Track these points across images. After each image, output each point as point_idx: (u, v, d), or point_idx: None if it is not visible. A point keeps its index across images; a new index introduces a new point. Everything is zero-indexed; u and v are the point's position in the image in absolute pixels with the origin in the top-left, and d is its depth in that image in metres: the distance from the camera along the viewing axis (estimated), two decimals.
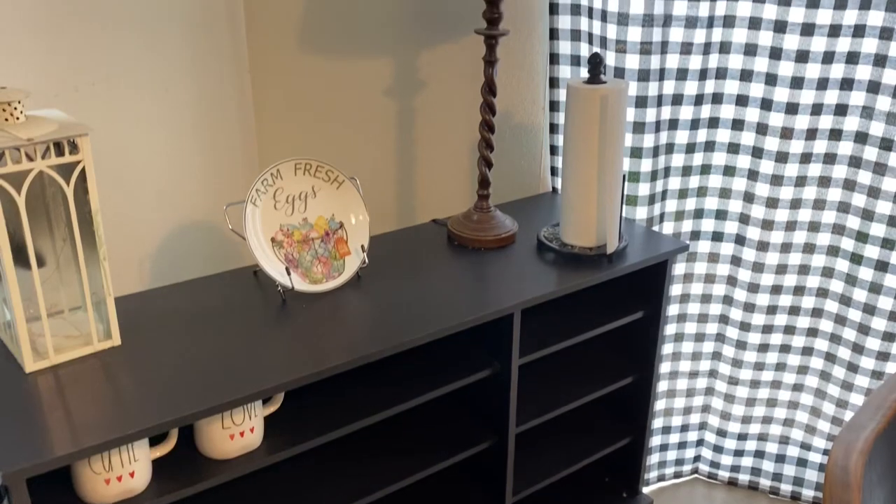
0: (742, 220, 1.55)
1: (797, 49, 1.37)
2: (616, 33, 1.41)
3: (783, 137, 1.44)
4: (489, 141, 1.36)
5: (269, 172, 1.18)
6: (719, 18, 1.41)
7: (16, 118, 0.90)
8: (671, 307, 1.66)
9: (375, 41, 1.46)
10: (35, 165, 0.91)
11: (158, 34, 1.29)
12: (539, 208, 1.56)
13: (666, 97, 1.46)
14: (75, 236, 0.97)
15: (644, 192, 1.52)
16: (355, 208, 1.24)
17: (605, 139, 1.27)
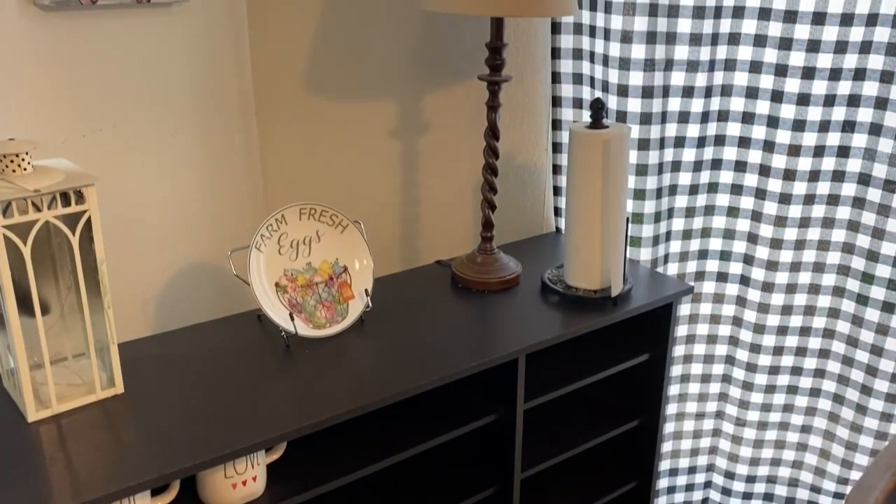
0: (746, 260, 1.55)
1: (798, 92, 1.38)
2: (618, 78, 1.42)
3: (786, 179, 1.44)
4: (492, 184, 1.37)
5: (273, 218, 1.19)
6: (720, 62, 1.42)
7: (23, 169, 0.91)
8: (676, 348, 1.65)
9: (380, 84, 1.48)
10: (41, 216, 0.91)
11: (166, 79, 1.31)
12: (543, 249, 1.56)
13: (668, 140, 1.47)
14: (80, 285, 0.98)
15: (648, 233, 1.52)
16: (359, 253, 1.24)
17: (608, 183, 1.28)
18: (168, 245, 1.36)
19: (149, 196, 1.32)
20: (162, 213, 1.34)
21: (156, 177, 1.32)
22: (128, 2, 1.23)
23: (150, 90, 1.29)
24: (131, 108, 1.27)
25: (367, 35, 1.45)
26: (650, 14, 1.37)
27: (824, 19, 1.32)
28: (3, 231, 0.88)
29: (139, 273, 1.33)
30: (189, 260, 1.39)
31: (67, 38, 1.17)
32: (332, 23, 1.44)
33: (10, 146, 0.90)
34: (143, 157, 1.30)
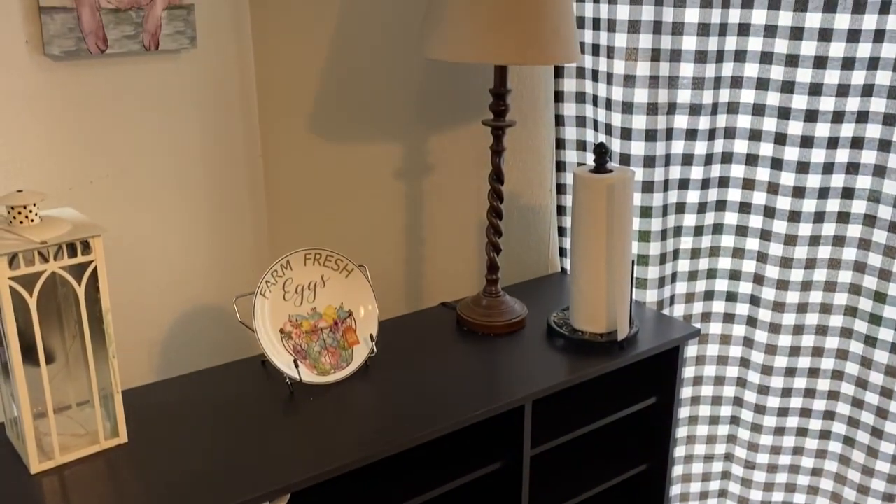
0: (753, 301, 1.54)
1: (801, 134, 1.38)
2: (621, 121, 1.43)
3: (791, 221, 1.44)
4: (497, 227, 1.37)
5: (279, 263, 1.19)
6: (723, 105, 1.43)
7: (30, 220, 0.92)
8: (684, 389, 1.63)
9: (385, 127, 1.49)
10: (48, 267, 0.92)
11: (173, 124, 1.32)
12: (548, 290, 1.56)
13: (672, 182, 1.48)
14: (85, 334, 0.98)
15: (654, 274, 1.52)
16: (364, 298, 1.24)
17: (613, 226, 1.28)
18: (173, 289, 1.36)
19: (155, 240, 1.32)
20: (168, 257, 1.34)
21: (162, 221, 1.33)
22: (136, 50, 1.25)
23: (157, 135, 1.31)
24: (138, 154, 1.28)
25: (373, 78, 1.47)
26: (652, 59, 1.38)
27: (826, 63, 1.33)
28: (9, 283, 0.88)
29: (144, 316, 1.33)
30: (195, 304, 1.39)
31: (76, 86, 1.18)
32: (338, 67, 1.46)
33: (17, 198, 0.91)
34: (149, 202, 1.30)
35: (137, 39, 1.25)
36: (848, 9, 1.29)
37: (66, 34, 1.13)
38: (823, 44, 1.32)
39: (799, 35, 1.33)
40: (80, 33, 1.15)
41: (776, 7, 1.34)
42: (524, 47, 1.14)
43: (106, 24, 1.20)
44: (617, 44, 1.40)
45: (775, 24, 1.35)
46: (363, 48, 1.45)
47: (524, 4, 1.14)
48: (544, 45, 1.16)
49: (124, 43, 1.23)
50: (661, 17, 1.36)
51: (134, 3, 1.24)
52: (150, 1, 1.27)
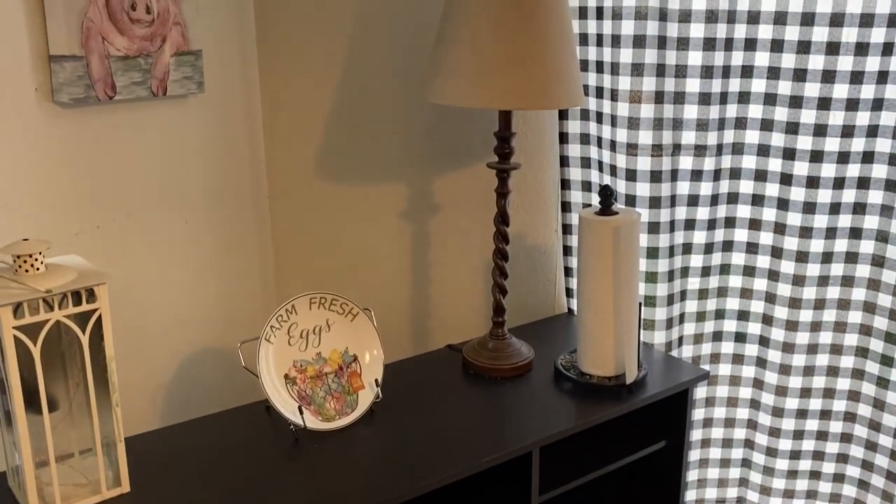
0: (762, 342, 1.52)
1: (807, 175, 1.38)
2: (626, 162, 1.44)
3: (799, 261, 1.43)
4: (503, 269, 1.37)
5: (283, 308, 1.19)
6: (728, 146, 1.44)
7: (36, 269, 0.92)
8: (693, 432, 1.61)
9: (391, 168, 1.50)
10: (52, 315, 0.91)
11: (180, 167, 1.33)
12: (555, 332, 1.55)
13: (678, 222, 1.47)
14: (88, 382, 0.97)
15: (661, 316, 1.51)
16: (369, 342, 1.23)
17: (620, 269, 1.27)
18: (179, 332, 1.35)
19: (161, 283, 1.32)
20: (174, 301, 1.34)
21: (168, 265, 1.33)
22: (144, 95, 1.26)
23: (164, 178, 1.31)
24: (146, 197, 1.29)
25: (378, 121, 1.48)
26: (656, 101, 1.39)
27: (829, 104, 1.33)
28: (13, 332, 0.88)
29: (150, 360, 1.32)
30: (200, 347, 1.38)
31: (85, 132, 1.19)
32: (343, 109, 1.47)
33: (23, 247, 0.91)
34: (155, 246, 1.31)
35: (145, 85, 1.27)
36: (850, 51, 1.29)
37: (74, 82, 1.15)
38: (827, 85, 1.33)
39: (802, 77, 1.34)
40: (89, 80, 1.17)
41: (779, 49, 1.35)
42: (528, 93, 1.15)
43: (115, 71, 1.21)
44: (621, 87, 1.41)
45: (778, 66, 1.36)
46: (368, 91, 1.47)
47: (528, 50, 1.15)
48: (548, 90, 1.17)
49: (132, 89, 1.24)
50: (664, 60, 1.37)
51: (142, 49, 1.26)
52: (158, 48, 1.29)
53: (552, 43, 1.16)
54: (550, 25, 1.16)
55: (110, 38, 1.20)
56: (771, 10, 1.33)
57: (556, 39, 1.17)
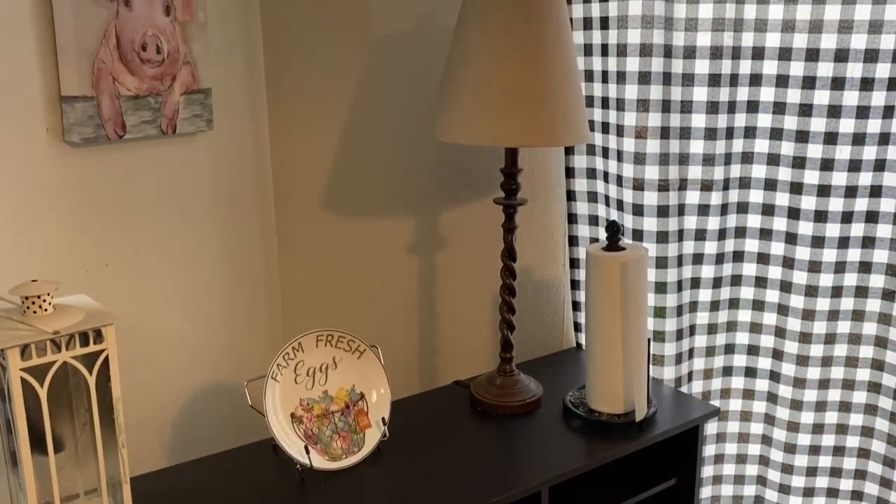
0: (773, 377, 1.51)
1: (815, 209, 1.38)
2: (632, 197, 1.44)
3: (808, 295, 1.42)
4: (510, 304, 1.36)
5: (290, 346, 1.18)
6: (734, 180, 1.44)
7: (44, 310, 0.92)
8: (705, 468, 1.59)
9: (398, 202, 1.50)
10: (59, 357, 0.91)
11: (188, 203, 1.34)
12: (564, 367, 1.54)
13: (686, 257, 1.47)
14: (95, 423, 0.97)
15: (670, 351, 1.50)
16: (377, 380, 1.23)
17: (628, 305, 1.26)
18: (187, 370, 1.35)
19: (168, 321, 1.32)
20: (181, 338, 1.34)
21: (175, 301, 1.33)
22: (154, 134, 1.28)
23: (172, 215, 1.32)
24: (154, 235, 1.29)
25: (386, 156, 1.49)
26: (662, 136, 1.40)
27: (836, 139, 1.33)
28: (20, 374, 0.88)
29: (156, 397, 1.32)
30: (207, 385, 1.38)
31: (95, 171, 1.20)
32: (351, 145, 1.48)
33: (31, 288, 0.91)
34: (163, 282, 1.31)
35: (155, 124, 1.28)
36: (856, 86, 1.30)
37: (85, 122, 1.16)
38: (833, 120, 1.33)
39: (808, 112, 1.34)
40: (100, 120, 1.18)
41: (784, 85, 1.35)
42: (534, 130, 1.16)
43: (125, 111, 1.22)
44: (626, 122, 1.41)
45: (784, 101, 1.36)
46: (376, 127, 1.48)
47: (533, 88, 1.16)
48: (554, 127, 1.17)
49: (142, 128, 1.26)
50: (669, 95, 1.38)
51: (153, 89, 1.27)
52: (168, 86, 1.30)
53: (557, 81, 1.17)
54: (555, 64, 1.17)
55: (121, 79, 1.22)
56: (775, 45, 1.34)
57: (561, 77, 1.18)
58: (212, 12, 1.36)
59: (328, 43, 1.46)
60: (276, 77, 1.47)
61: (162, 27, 1.28)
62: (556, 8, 1.18)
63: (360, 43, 1.44)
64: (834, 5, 1.28)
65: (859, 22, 1.27)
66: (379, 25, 1.43)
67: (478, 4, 1.17)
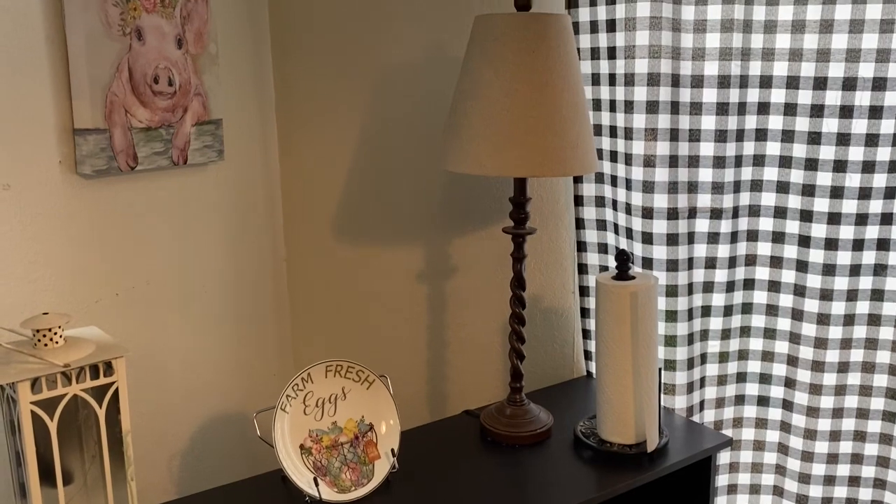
0: (786, 406, 1.49)
1: (825, 237, 1.37)
2: (641, 226, 1.43)
3: (820, 323, 1.41)
4: (520, 334, 1.36)
5: (299, 377, 1.18)
6: (744, 208, 1.43)
7: (55, 343, 0.92)
8: (718, 499, 1.57)
9: (407, 230, 1.50)
10: (69, 390, 0.91)
11: (199, 233, 1.35)
12: (574, 396, 1.53)
13: (696, 285, 1.46)
14: (104, 456, 0.97)
15: (682, 380, 1.49)
16: (386, 411, 1.22)
17: (638, 334, 1.26)
18: (196, 399, 1.35)
19: (178, 350, 1.32)
20: (191, 367, 1.34)
21: (185, 331, 1.33)
22: (165, 165, 1.29)
23: (182, 245, 1.33)
24: (164, 264, 1.30)
25: (395, 185, 1.49)
26: (670, 165, 1.40)
27: (846, 167, 1.33)
28: (30, 407, 0.88)
29: (165, 428, 1.32)
30: (216, 415, 1.37)
31: (106, 202, 1.21)
32: (360, 174, 1.49)
33: (42, 321, 0.91)
34: (173, 312, 1.31)
35: (167, 155, 1.29)
36: (864, 114, 1.30)
37: (97, 154, 1.17)
38: (842, 148, 1.33)
39: (817, 140, 1.34)
40: (112, 152, 1.19)
41: (792, 113, 1.35)
42: (542, 161, 1.16)
43: (136, 143, 1.24)
44: (635, 151, 1.41)
45: (792, 129, 1.36)
46: (385, 156, 1.49)
47: (541, 119, 1.16)
48: (563, 157, 1.17)
49: (154, 159, 1.27)
50: (677, 124, 1.38)
51: (164, 120, 1.29)
52: (180, 118, 1.32)
53: (565, 111, 1.18)
54: (563, 95, 1.18)
55: (133, 111, 1.23)
56: (783, 74, 1.34)
57: (569, 108, 1.18)
58: (223, 44, 1.38)
59: (338, 73, 1.47)
60: (286, 107, 1.49)
61: (174, 60, 1.29)
62: (564, 40, 1.19)
63: (369, 73, 1.46)
64: (841, 34, 1.28)
65: (867, 51, 1.27)
66: (388, 56, 1.45)
67: (486, 37, 1.18)
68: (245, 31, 1.44)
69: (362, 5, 1.44)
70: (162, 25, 1.26)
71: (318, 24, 1.46)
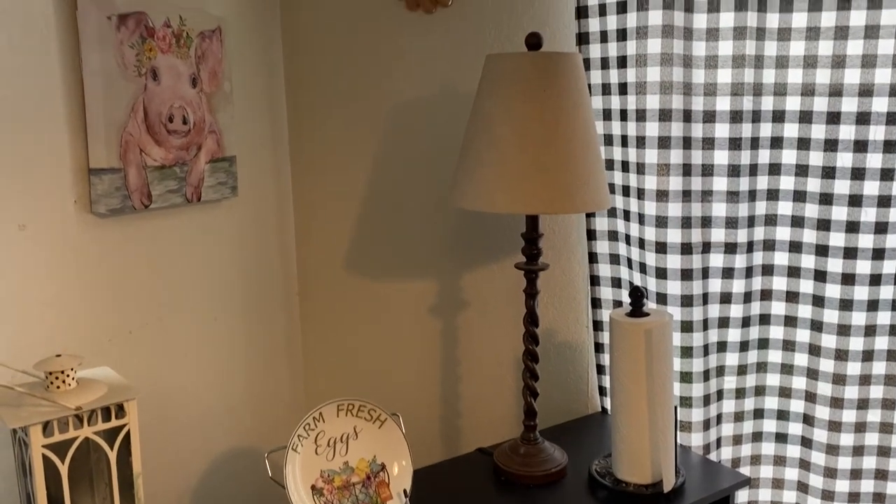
0: (804, 443, 1.47)
1: (842, 272, 1.36)
2: (655, 261, 1.43)
3: (838, 359, 1.39)
4: (534, 371, 1.34)
5: (311, 416, 1.17)
6: (759, 243, 1.42)
7: (67, 385, 0.92)
8: None
9: (418, 265, 1.50)
10: (81, 433, 0.91)
11: (212, 269, 1.35)
12: (589, 433, 1.51)
13: (712, 321, 1.45)
14: (115, 498, 0.96)
15: (698, 417, 1.47)
16: (398, 451, 1.21)
17: (653, 372, 1.24)
18: (207, 437, 1.34)
19: (190, 388, 1.32)
20: (202, 406, 1.34)
21: (198, 369, 1.33)
22: (179, 202, 1.29)
23: (195, 282, 1.33)
24: (177, 302, 1.30)
25: (407, 220, 1.49)
26: (683, 200, 1.39)
27: (861, 201, 1.32)
28: (42, 451, 0.87)
29: (177, 466, 1.31)
30: (227, 453, 1.37)
31: (120, 241, 1.22)
32: (373, 209, 1.49)
33: (55, 363, 0.92)
34: (186, 350, 1.31)
35: (180, 193, 1.30)
36: (879, 149, 1.29)
37: (112, 193, 1.18)
38: (857, 182, 1.32)
39: (831, 174, 1.33)
40: (126, 191, 1.20)
41: (805, 147, 1.35)
42: (554, 198, 1.16)
43: (151, 181, 1.24)
44: (647, 186, 1.41)
45: (806, 163, 1.35)
46: (397, 192, 1.49)
47: (552, 156, 1.16)
48: (574, 194, 1.17)
49: (168, 197, 1.27)
50: (690, 160, 1.38)
51: (179, 159, 1.30)
52: (194, 155, 1.33)
53: (577, 148, 1.18)
54: (575, 132, 1.18)
55: (147, 150, 1.24)
56: (796, 109, 1.34)
57: (580, 145, 1.18)
58: (237, 82, 1.39)
59: (351, 109, 1.48)
60: (300, 143, 1.50)
61: (188, 99, 1.31)
62: (575, 78, 1.19)
63: (382, 110, 1.47)
64: (853, 69, 1.28)
65: (880, 86, 1.27)
66: (400, 93, 1.46)
67: (497, 75, 1.19)
68: (259, 69, 1.45)
69: (374, 43, 1.45)
70: (177, 65, 1.28)
71: (330, 61, 1.47)
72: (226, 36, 1.36)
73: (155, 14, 1.23)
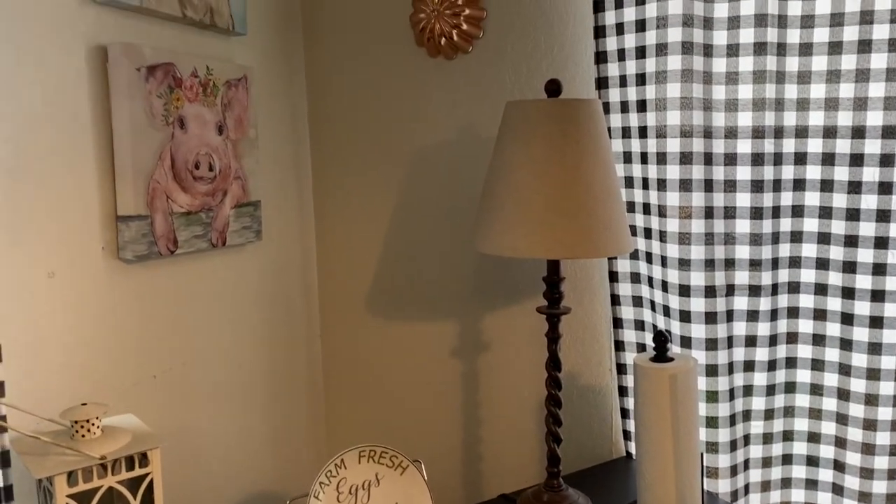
0: (836, 490, 1.43)
1: (870, 315, 1.34)
2: (679, 304, 1.41)
3: (868, 404, 1.36)
4: (557, 416, 1.33)
5: (332, 463, 1.17)
6: (783, 285, 1.41)
7: (92, 434, 0.93)
8: None
9: (440, 309, 1.50)
10: (105, 482, 0.92)
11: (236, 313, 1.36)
12: (614, 479, 1.48)
13: (737, 364, 1.43)
14: None
15: (725, 463, 1.44)
16: (420, 498, 1.20)
17: (678, 417, 1.23)
18: (229, 481, 1.34)
19: (212, 433, 1.32)
20: (225, 451, 1.34)
21: (221, 412, 1.33)
22: (205, 248, 1.31)
23: (220, 326, 1.34)
24: (202, 345, 1.31)
25: (428, 263, 1.50)
26: (706, 242, 1.38)
27: (887, 243, 1.30)
28: (66, 501, 0.88)
29: None
30: (249, 498, 1.36)
31: (146, 286, 1.24)
32: (395, 253, 1.50)
33: (80, 412, 0.92)
34: (209, 393, 1.32)
35: (206, 238, 1.32)
36: None
37: (139, 239, 1.20)
38: (882, 224, 1.30)
39: (856, 216, 1.32)
40: (153, 237, 1.22)
41: (829, 189, 1.34)
42: (575, 242, 1.16)
43: (177, 227, 1.27)
44: (669, 228, 1.41)
45: (830, 205, 1.34)
46: (419, 235, 1.50)
47: (573, 201, 1.16)
48: (595, 238, 1.17)
49: (193, 242, 1.29)
50: (712, 202, 1.38)
51: (204, 205, 1.32)
52: (220, 201, 1.35)
53: (597, 192, 1.18)
54: (595, 176, 1.18)
55: (174, 197, 1.26)
56: (818, 151, 1.33)
57: (601, 188, 1.19)
58: (262, 129, 1.42)
59: (373, 154, 1.50)
60: (323, 187, 1.52)
61: (214, 146, 1.33)
62: (594, 123, 1.20)
63: (403, 154, 1.48)
64: (875, 111, 1.28)
65: None
66: (422, 138, 1.48)
67: (517, 121, 1.20)
68: (283, 115, 1.48)
69: (396, 89, 1.48)
70: (204, 114, 1.31)
71: (353, 107, 1.49)
72: (252, 84, 1.39)
73: (183, 65, 1.26)
